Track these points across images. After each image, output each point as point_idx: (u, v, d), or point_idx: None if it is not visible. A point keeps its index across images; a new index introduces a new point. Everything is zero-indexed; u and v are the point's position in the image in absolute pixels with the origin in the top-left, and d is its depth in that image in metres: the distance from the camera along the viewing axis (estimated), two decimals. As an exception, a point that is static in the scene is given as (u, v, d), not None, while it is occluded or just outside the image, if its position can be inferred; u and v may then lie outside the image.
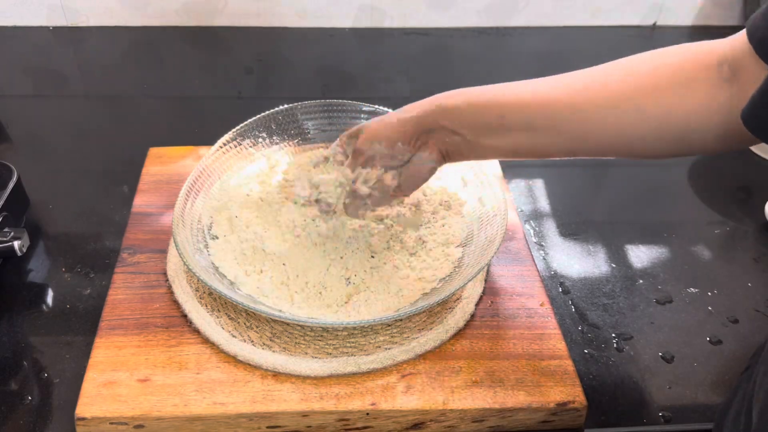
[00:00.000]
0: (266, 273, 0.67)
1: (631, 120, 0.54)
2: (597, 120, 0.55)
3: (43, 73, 1.07)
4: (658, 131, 0.54)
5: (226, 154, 0.76)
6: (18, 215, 0.74)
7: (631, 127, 0.54)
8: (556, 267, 0.75)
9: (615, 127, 0.55)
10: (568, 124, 0.56)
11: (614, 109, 0.55)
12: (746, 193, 0.88)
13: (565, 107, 0.56)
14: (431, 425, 0.59)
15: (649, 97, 0.54)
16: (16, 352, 0.64)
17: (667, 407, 0.62)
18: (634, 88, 0.54)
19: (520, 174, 0.88)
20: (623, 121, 0.55)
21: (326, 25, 1.19)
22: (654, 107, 0.53)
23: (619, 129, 0.55)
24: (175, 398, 0.58)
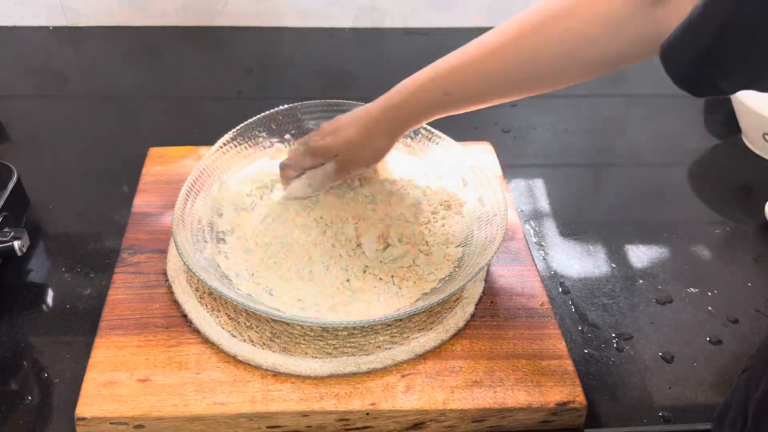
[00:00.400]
0: (266, 273, 0.67)
1: (565, 65, 0.57)
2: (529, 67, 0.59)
3: (43, 73, 1.07)
4: (590, 71, 0.58)
5: (226, 154, 0.76)
6: (18, 215, 0.74)
7: (563, 71, 0.58)
8: (556, 267, 0.75)
9: (548, 71, 0.59)
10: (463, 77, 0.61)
11: (544, 53, 0.57)
12: (746, 193, 0.88)
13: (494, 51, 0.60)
14: (431, 425, 0.59)
15: (580, 48, 0.56)
16: (16, 352, 0.64)
17: (667, 407, 0.62)
18: (559, 35, 0.56)
19: (520, 174, 0.88)
20: (556, 65, 0.58)
21: (326, 25, 1.19)
22: (587, 54, 0.56)
23: (551, 72, 0.59)
24: (175, 398, 0.58)
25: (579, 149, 0.95)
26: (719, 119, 1.00)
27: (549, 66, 0.58)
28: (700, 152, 0.95)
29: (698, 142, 0.97)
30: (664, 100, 1.03)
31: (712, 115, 1.01)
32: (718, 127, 0.99)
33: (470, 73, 0.61)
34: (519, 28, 0.58)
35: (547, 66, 0.58)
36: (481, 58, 0.60)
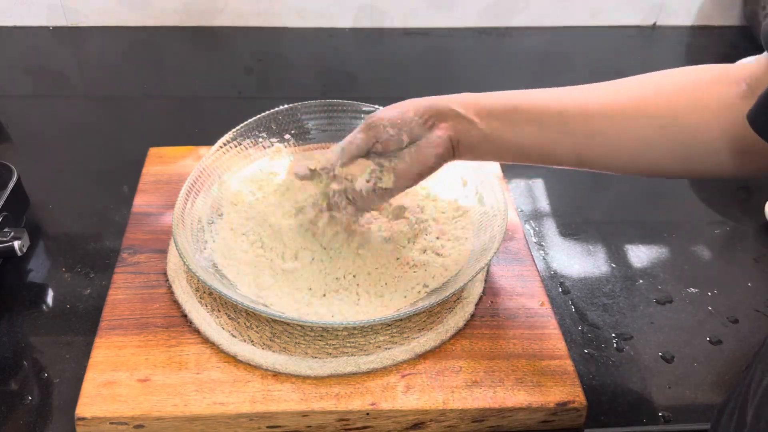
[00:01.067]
0: (266, 273, 0.67)
1: (640, 129, 0.54)
2: (607, 125, 0.55)
3: (43, 73, 1.07)
4: (666, 145, 0.54)
5: (226, 154, 0.76)
6: (18, 215, 0.74)
7: (639, 136, 0.54)
8: (556, 267, 0.75)
9: (624, 135, 0.55)
10: (579, 124, 0.56)
11: (625, 117, 0.55)
12: (746, 193, 0.88)
13: (578, 109, 0.56)
14: (431, 425, 0.59)
15: (661, 110, 0.54)
16: (16, 352, 0.64)
17: (667, 407, 0.62)
18: (647, 99, 0.54)
19: (520, 174, 0.88)
20: (632, 129, 0.54)
21: (326, 25, 1.19)
22: (665, 120, 0.53)
23: (627, 138, 0.55)
24: (175, 398, 0.58)
25: (579, 149, 0.95)
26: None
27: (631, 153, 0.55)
28: (700, 152, 0.95)
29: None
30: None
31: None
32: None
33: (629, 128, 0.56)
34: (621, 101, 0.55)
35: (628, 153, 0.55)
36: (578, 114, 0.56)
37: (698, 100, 0.53)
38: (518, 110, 0.58)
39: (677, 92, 0.54)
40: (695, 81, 0.54)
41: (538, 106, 0.58)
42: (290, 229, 0.70)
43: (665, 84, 0.55)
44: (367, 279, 0.67)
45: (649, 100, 0.55)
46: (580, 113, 0.56)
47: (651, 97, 0.55)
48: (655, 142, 0.55)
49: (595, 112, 0.56)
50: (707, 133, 0.53)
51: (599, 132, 0.56)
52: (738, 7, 1.22)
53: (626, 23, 1.23)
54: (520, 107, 0.58)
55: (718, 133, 0.53)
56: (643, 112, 0.54)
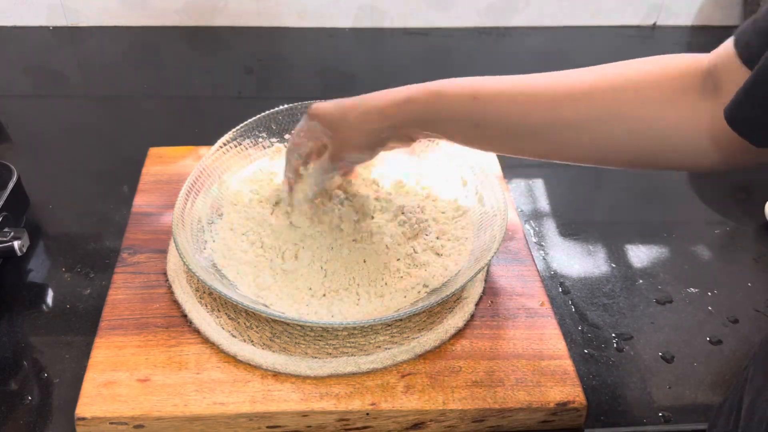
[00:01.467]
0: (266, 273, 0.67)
1: (609, 126, 0.53)
2: (572, 117, 0.54)
3: (43, 73, 1.07)
4: (636, 141, 0.53)
5: (226, 154, 0.76)
6: (18, 215, 0.74)
7: (607, 134, 0.54)
8: (556, 267, 0.75)
9: (591, 134, 0.54)
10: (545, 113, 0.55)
11: (590, 115, 0.54)
12: (746, 193, 0.88)
13: (546, 97, 0.55)
14: (431, 425, 0.59)
15: (629, 107, 0.53)
16: (16, 352, 0.64)
17: (667, 407, 0.62)
18: (614, 96, 0.53)
19: (520, 174, 0.88)
20: (600, 127, 0.54)
21: (326, 25, 1.19)
22: (632, 119, 0.53)
23: (594, 136, 0.54)
24: (175, 398, 0.58)
25: (579, 149, 0.95)
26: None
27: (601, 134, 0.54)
28: (700, 152, 0.95)
29: (698, 142, 0.97)
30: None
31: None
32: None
33: (513, 105, 0.56)
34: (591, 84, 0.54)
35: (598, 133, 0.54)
36: (536, 93, 0.55)
37: (667, 100, 0.52)
38: (480, 126, 0.58)
39: (648, 92, 0.53)
40: (664, 77, 0.53)
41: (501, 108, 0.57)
42: (289, 228, 0.70)
43: (635, 81, 0.54)
44: (367, 279, 0.67)
45: (619, 100, 0.53)
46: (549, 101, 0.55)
47: (621, 96, 0.53)
48: (625, 142, 0.54)
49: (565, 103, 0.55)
50: (677, 132, 0.52)
51: (565, 130, 0.55)
52: (738, 7, 1.22)
53: (626, 23, 1.23)
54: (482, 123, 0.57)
55: (689, 131, 0.52)
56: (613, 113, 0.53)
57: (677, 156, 0.53)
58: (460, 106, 0.57)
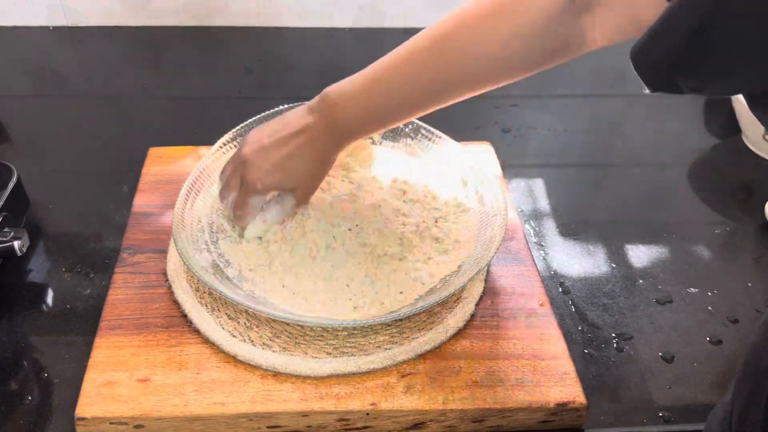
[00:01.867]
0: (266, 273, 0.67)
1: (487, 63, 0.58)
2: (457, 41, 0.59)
3: (43, 73, 1.07)
4: (513, 73, 0.58)
5: (226, 154, 0.76)
6: (18, 215, 0.74)
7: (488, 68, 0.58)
8: (556, 267, 0.75)
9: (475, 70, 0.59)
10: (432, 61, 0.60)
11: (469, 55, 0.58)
12: (746, 193, 0.88)
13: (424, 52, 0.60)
14: (431, 425, 0.59)
15: (505, 49, 0.56)
16: (16, 352, 0.64)
17: (667, 407, 0.62)
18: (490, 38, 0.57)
19: (520, 174, 0.88)
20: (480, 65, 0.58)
21: (326, 25, 1.19)
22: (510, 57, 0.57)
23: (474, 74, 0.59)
24: (175, 398, 0.58)
25: (579, 149, 0.95)
26: (719, 119, 1.00)
27: (472, 67, 0.59)
28: (700, 152, 0.95)
29: (698, 142, 0.97)
30: (664, 100, 1.03)
31: (712, 115, 1.01)
32: (718, 127, 0.99)
33: (398, 82, 0.61)
34: (438, 36, 0.59)
35: (470, 67, 0.59)
36: (404, 64, 0.61)
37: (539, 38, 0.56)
38: (384, 120, 0.63)
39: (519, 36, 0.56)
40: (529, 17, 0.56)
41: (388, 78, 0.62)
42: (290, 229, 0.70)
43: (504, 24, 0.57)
44: (367, 279, 0.67)
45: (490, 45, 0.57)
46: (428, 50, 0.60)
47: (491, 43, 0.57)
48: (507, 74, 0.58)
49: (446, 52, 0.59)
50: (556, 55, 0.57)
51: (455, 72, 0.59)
52: (738, 7, 1.22)
53: (626, 23, 1.23)
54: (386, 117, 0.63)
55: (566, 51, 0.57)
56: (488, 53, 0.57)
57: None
58: (365, 123, 0.64)
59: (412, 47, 0.61)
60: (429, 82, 0.60)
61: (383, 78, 0.62)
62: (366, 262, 0.68)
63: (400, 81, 0.61)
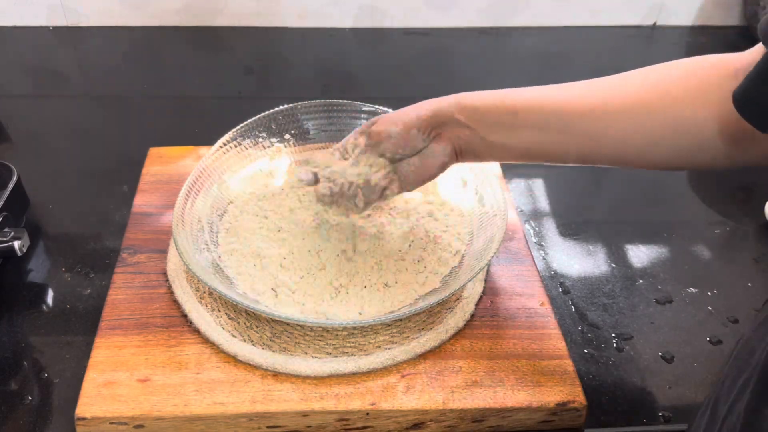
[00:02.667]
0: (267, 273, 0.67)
1: (643, 125, 0.54)
2: (609, 123, 0.55)
3: (43, 73, 1.07)
4: (671, 139, 0.54)
5: (226, 154, 0.76)
6: (18, 215, 0.74)
7: (643, 132, 0.55)
8: (556, 267, 0.75)
9: (627, 133, 0.55)
10: (581, 125, 0.56)
11: (627, 113, 0.55)
12: (746, 193, 0.88)
13: (579, 108, 0.56)
14: (431, 425, 0.59)
15: (662, 103, 0.54)
16: (16, 352, 0.64)
17: (667, 407, 0.62)
18: (648, 94, 0.54)
19: (520, 174, 0.88)
20: (635, 125, 0.55)
21: (326, 25, 1.19)
22: (666, 114, 0.53)
23: (631, 134, 0.55)
24: (175, 398, 0.58)
25: (579, 149, 0.95)
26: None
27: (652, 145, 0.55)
28: (700, 152, 0.95)
29: (698, 142, 0.97)
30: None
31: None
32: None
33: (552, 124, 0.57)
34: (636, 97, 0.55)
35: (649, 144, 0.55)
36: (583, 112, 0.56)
37: (697, 90, 0.53)
38: (519, 115, 0.58)
39: (676, 84, 0.54)
40: (694, 72, 0.54)
41: (537, 108, 0.58)
42: (290, 228, 0.70)
43: (664, 76, 0.55)
44: (367, 279, 0.67)
45: (650, 94, 0.55)
46: (581, 113, 0.56)
47: (651, 91, 0.55)
48: (658, 136, 0.55)
49: (597, 111, 0.56)
50: (706, 123, 0.53)
51: (602, 131, 0.56)
52: (738, 7, 1.22)
53: (626, 23, 1.23)
54: (520, 111, 0.58)
55: (716, 123, 0.53)
56: (645, 107, 0.55)
57: (706, 152, 0.55)
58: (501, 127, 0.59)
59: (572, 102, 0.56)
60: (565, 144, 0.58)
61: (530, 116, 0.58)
62: (366, 262, 0.68)
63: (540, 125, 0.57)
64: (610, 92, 0.56)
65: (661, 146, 0.55)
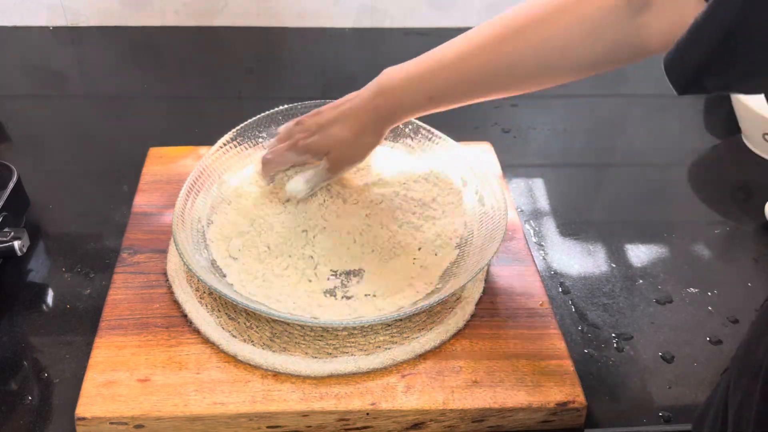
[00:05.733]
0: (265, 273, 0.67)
1: (544, 69, 0.59)
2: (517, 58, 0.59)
3: (43, 73, 1.07)
4: (570, 75, 0.59)
5: (226, 154, 0.76)
6: (18, 215, 0.74)
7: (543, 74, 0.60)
8: (556, 267, 0.75)
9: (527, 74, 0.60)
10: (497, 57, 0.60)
11: (526, 58, 0.59)
12: (746, 193, 0.88)
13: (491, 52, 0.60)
14: (431, 425, 0.59)
15: (560, 54, 0.57)
16: (16, 352, 0.64)
17: (667, 407, 0.62)
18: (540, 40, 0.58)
19: (520, 174, 0.88)
20: (536, 69, 0.59)
21: (326, 25, 1.19)
22: (566, 60, 0.58)
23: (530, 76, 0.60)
24: (175, 398, 0.58)
25: (579, 149, 0.95)
26: (719, 119, 1.00)
27: (528, 70, 0.60)
28: (700, 152, 0.95)
29: (698, 142, 0.97)
30: (664, 100, 1.03)
31: (712, 115, 1.01)
32: (718, 127, 0.99)
33: (451, 75, 0.62)
34: (501, 31, 0.60)
35: (526, 70, 0.60)
36: (461, 59, 0.61)
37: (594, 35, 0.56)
38: (435, 100, 0.63)
39: (574, 31, 0.57)
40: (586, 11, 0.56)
41: (454, 90, 0.63)
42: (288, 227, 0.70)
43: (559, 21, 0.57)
44: (367, 279, 0.67)
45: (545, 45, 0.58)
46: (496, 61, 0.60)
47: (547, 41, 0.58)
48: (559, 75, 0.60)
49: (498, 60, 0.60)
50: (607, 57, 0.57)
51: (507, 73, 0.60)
52: (738, 7, 1.22)
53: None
54: (436, 98, 0.63)
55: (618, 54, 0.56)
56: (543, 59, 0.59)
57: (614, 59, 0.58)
58: (416, 102, 0.64)
59: (479, 39, 0.61)
60: (492, 73, 0.61)
61: (445, 65, 0.62)
62: (366, 262, 0.68)
63: (462, 69, 0.61)
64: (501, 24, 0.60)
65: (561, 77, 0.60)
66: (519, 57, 0.59)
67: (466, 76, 0.62)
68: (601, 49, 0.56)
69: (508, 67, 0.60)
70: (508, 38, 0.59)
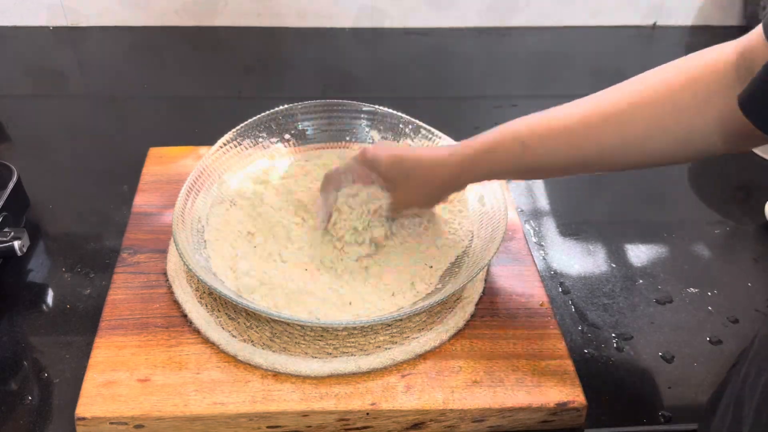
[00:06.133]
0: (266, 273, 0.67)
1: (654, 139, 0.56)
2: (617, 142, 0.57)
3: (43, 73, 1.07)
4: (683, 145, 0.56)
5: (226, 154, 0.76)
6: (18, 215, 0.74)
7: (654, 146, 0.56)
8: (556, 267, 0.75)
9: (624, 137, 0.56)
10: (582, 138, 0.58)
11: (623, 118, 0.56)
12: (746, 193, 0.88)
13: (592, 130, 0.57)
14: (431, 425, 0.59)
15: (670, 120, 0.55)
16: (16, 352, 0.64)
17: (667, 407, 0.62)
18: (654, 109, 0.55)
19: (520, 174, 0.88)
20: (646, 139, 0.56)
21: (326, 25, 1.19)
22: (677, 126, 0.55)
23: (643, 148, 0.57)
24: (175, 398, 0.58)
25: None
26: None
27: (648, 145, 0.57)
28: (700, 152, 0.95)
29: (698, 142, 0.97)
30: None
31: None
32: (718, 127, 0.99)
33: (561, 144, 0.59)
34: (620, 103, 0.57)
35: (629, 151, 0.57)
36: (575, 129, 0.58)
37: (705, 102, 0.54)
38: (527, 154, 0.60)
39: (686, 99, 0.54)
40: (693, 77, 0.54)
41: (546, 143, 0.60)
42: (291, 228, 0.70)
43: (672, 90, 0.55)
44: (367, 279, 0.67)
45: (659, 111, 0.55)
46: (583, 126, 0.58)
47: (660, 108, 0.55)
48: (670, 149, 0.56)
49: (598, 122, 0.57)
50: (715, 127, 0.54)
51: (603, 139, 0.57)
52: (738, 7, 1.22)
53: (626, 23, 1.23)
54: (529, 153, 0.60)
55: (723, 124, 0.53)
56: (642, 110, 0.55)
57: (708, 146, 0.56)
58: (512, 157, 0.61)
59: (574, 120, 0.58)
60: (579, 157, 0.59)
61: (530, 144, 0.60)
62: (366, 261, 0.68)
63: (546, 150, 0.60)
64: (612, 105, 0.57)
65: (671, 151, 0.57)
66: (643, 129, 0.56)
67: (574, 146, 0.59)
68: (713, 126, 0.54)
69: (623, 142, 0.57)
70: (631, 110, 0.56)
